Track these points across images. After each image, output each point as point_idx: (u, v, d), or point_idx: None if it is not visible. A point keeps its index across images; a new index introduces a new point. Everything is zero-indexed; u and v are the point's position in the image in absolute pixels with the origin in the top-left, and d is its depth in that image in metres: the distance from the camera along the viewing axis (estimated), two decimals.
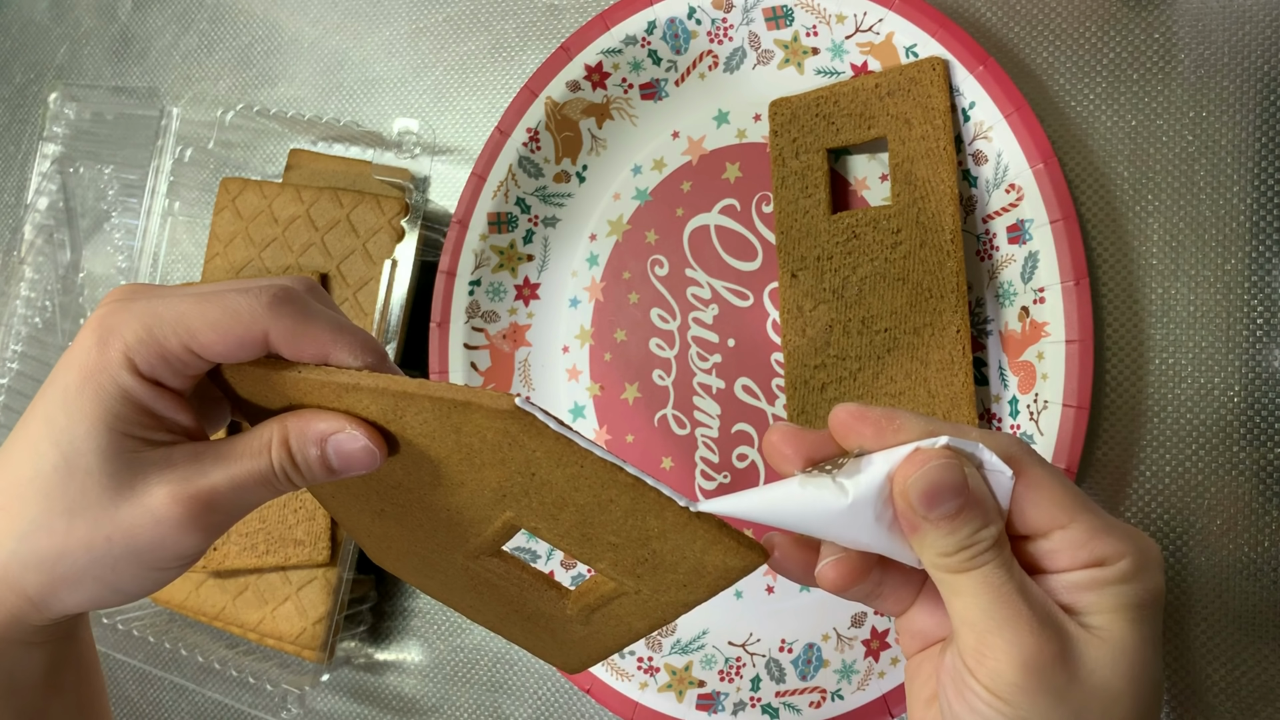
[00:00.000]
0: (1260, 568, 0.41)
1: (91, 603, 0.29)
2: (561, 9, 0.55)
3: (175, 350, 0.27)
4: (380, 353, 0.29)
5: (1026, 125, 0.43)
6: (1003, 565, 0.25)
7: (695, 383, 0.50)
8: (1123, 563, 0.26)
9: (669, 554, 0.27)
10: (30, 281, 0.63)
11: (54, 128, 0.63)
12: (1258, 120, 0.43)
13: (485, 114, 0.57)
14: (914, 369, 0.44)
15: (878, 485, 0.25)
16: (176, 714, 0.61)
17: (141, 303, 0.28)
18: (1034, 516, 0.26)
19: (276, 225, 0.55)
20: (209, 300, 0.27)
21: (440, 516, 0.30)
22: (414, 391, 0.26)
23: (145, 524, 0.27)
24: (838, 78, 0.47)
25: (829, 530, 0.26)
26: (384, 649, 0.56)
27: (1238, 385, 0.42)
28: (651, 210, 0.52)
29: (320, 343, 0.28)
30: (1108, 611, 0.26)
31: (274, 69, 0.62)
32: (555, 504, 0.27)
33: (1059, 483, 0.26)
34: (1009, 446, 0.26)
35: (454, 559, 0.32)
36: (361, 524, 0.34)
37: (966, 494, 0.25)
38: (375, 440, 0.28)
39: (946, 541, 0.25)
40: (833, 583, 0.28)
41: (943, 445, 0.25)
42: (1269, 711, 0.41)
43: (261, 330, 0.27)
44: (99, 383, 0.27)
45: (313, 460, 0.28)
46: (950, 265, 0.43)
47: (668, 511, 0.26)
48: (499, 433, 0.26)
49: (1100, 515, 0.26)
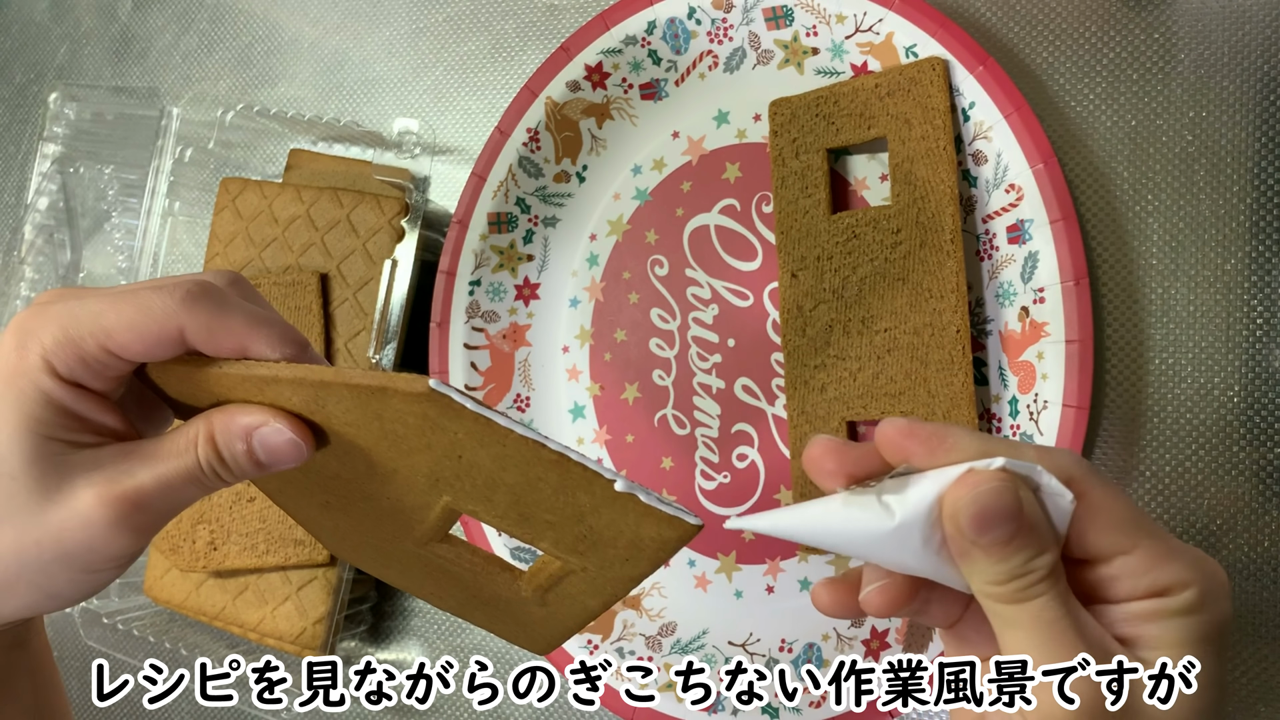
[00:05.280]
0: (1260, 568, 0.41)
1: (28, 609, 0.29)
2: (561, 9, 0.55)
3: (93, 351, 0.27)
4: (300, 343, 0.29)
5: (1026, 125, 0.43)
6: (1057, 598, 0.24)
7: (695, 383, 0.50)
8: (1188, 593, 0.24)
9: (605, 529, 0.27)
10: (30, 281, 0.63)
11: (54, 128, 0.63)
12: (1258, 120, 0.43)
13: (485, 114, 0.57)
14: (914, 369, 0.44)
15: (927, 507, 0.24)
16: (176, 714, 0.61)
17: (59, 305, 0.27)
18: (1094, 541, 0.24)
19: (276, 225, 0.55)
20: (124, 299, 0.27)
21: (383, 505, 0.30)
22: (331, 380, 0.26)
23: (73, 527, 0.27)
24: (838, 78, 0.47)
25: (873, 553, 0.25)
26: (384, 649, 0.56)
27: (1238, 385, 0.42)
28: (651, 210, 0.52)
29: (236, 336, 0.27)
30: (1170, 646, 0.24)
31: (274, 69, 0.63)
32: (487, 485, 0.27)
33: (1121, 504, 0.25)
34: (1069, 467, 0.25)
35: (405, 547, 0.32)
36: (311, 517, 0.34)
37: (1020, 519, 0.23)
38: (300, 432, 0.27)
39: (998, 570, 0.24)
40: (879, 609, 0.27)
41: (999, 467, 0.24)
42: (1269, 711, 0.41)
43: (176, 327, 0.27)
44: (19, 387, 0.27)
45: (239, 455, 0.28)
46: (950, 265, 0.43)
47: (595, 486, 0.25)
48: (419, 416, 0.26)
49: (1164, 540, 0.25)
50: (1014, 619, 0.24)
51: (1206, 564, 0.25)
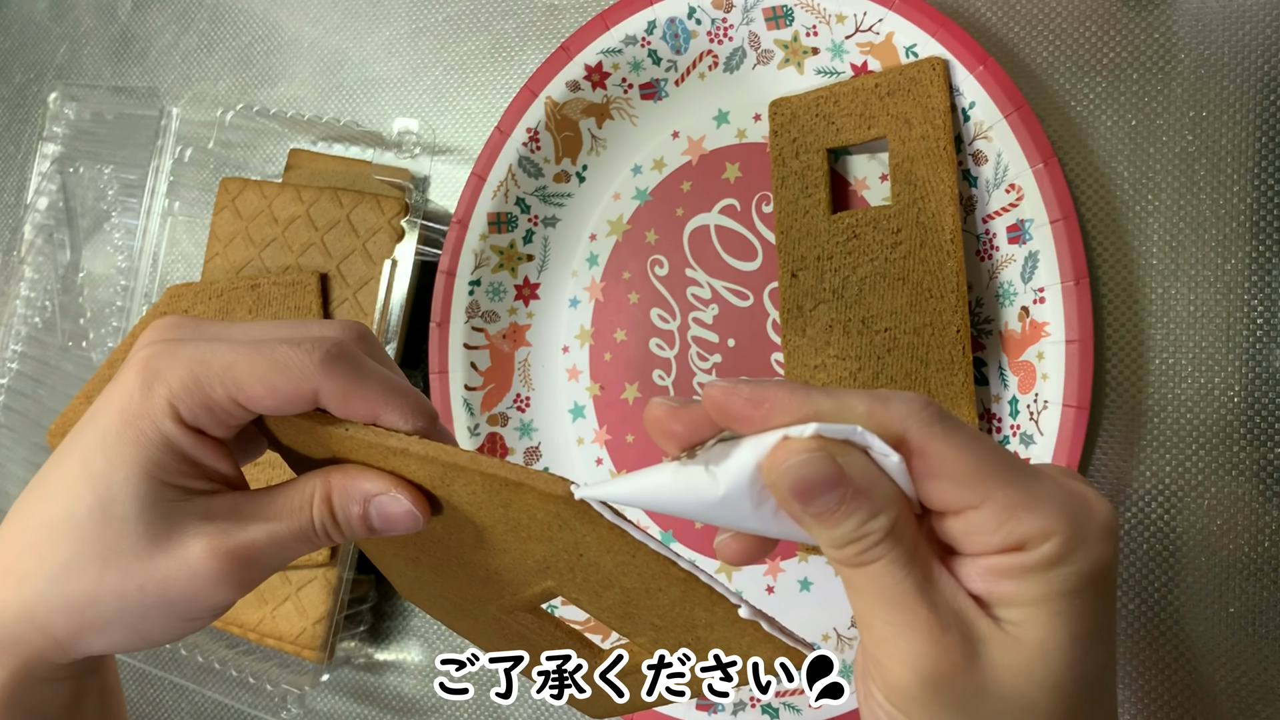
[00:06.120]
0: (1260, 568, 0.41)
1: (118, 647, 0.29)
2: (561, 9, 0.55)
3: (221, 401, 0.26)
4: (431, 415, 0.28)
5: (1026, 125, 0.43)
6: (898, 560, 0.22)
7: (695, 383, 0.50)
8: (1048, 544, 0.22)
9: (714, 643, 0.26)
10: (30, 281, 0.63)
11: (54, 128, 0.63)
12: (1258, 120, 0.43)
13: (485, 114, 0.57)
14: (914, 369, 0.44)
15: (748, 476, 0.23)
16: (176, 714, 0.61)
17: (190, 347, 0.27)
18: (937, 498, 0.23)
19: (276, 225, 0.55)
20: (259, 352, 0.26)
21: (478, 573, 0.30)
22: (465, 465, 0.25)
23: (180, 577, 0.27)
24: (838, 77, 0.47)
25: (712, 519, 0.24)
26: (384, 649, 0.56)
27: (1238, 385, 0.42)
28: (651, 210, 0.52)
29: (371, 404, 0.27)
30: (1027, 604, 0.22)
31: (274, 69, 0.62)
32: (600, 583, 0.27)
33: (965, 455, 0.22)
34: (903, 419, 0.22)
35: (487, 609, 0.32)
36: (394, 566, 0.34)
37: (844, 484, 0.22)
38: (420, 505, 0.27)
39: (831, 535, 0.23)
40: (734, 558, 0.26)
41: (811, 434, 0.22)
42: (1269, 711, 0.41)
43: (312, 388, 0.26)
44: (140, 428, 0.26)
45: (354, 519, 0.28)
46: (950, 265, 0.43)
47: (718, 608, 0.25)
48: (550, 515, 0.25)
49: (1024, 487, 0.22)
50: (856, 583, 0.23)
51: (1079, 507, 0.23)
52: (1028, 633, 0.22)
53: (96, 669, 0.31)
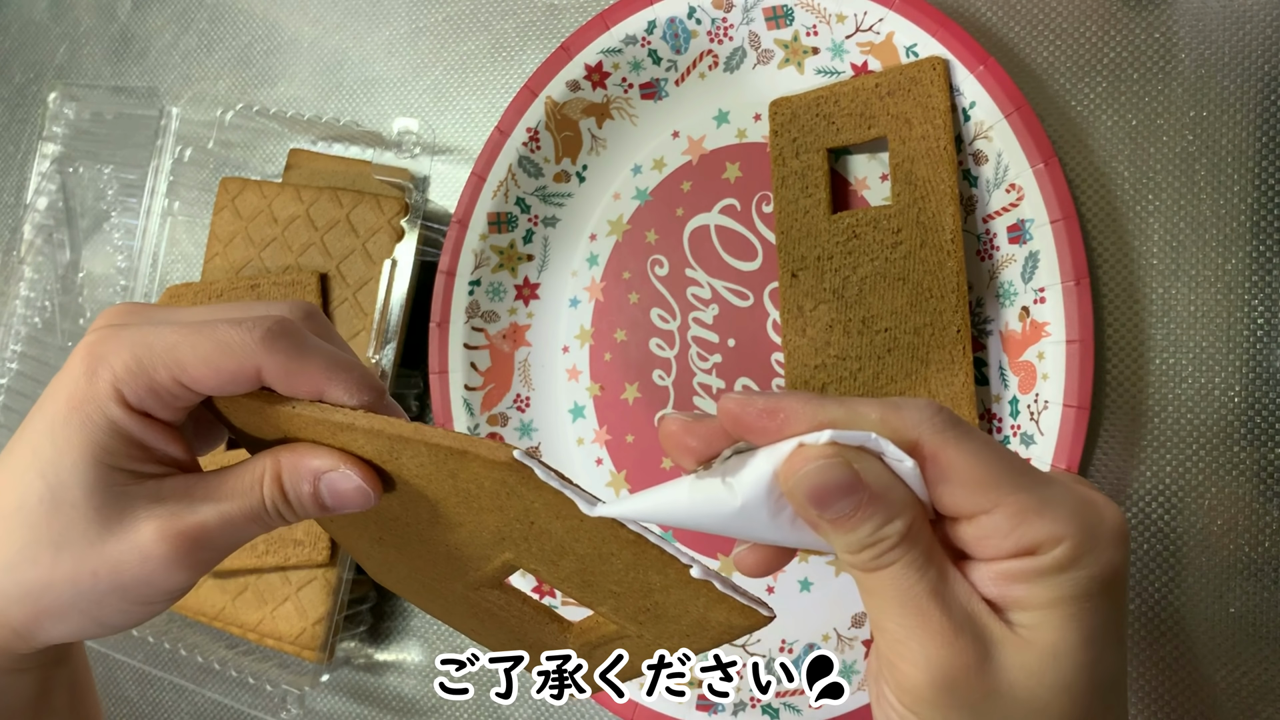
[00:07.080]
0: (1260, 568, 0.41)
1: (76, 634, 0.28)
2: (561, 9, 0.55)
3: (165, 383, 0.26)
4: (378, 389, 0.28)
5: (1027, 125, 0.43)
6: (913, 564, 0.23)
7: (695, 383, 0.50)
8: (1059, 549, 0.23)
9: (671, 606, 0.26)
10: (30, 281, 0.63)
11: (53, 127, 0.63)
12: (1258, 120, 0.43)
13: (485, 114, 0.57)
14: (914, 369, 0.44)
15: (765, 487, 0.23)
16: (176, 714, 0.61)
17: (132, 330, 0.27)
18: (950, 503, 0.23)
19: (276, 225, 0.55)
20: (201, 332, 0.26)
21: (439, 550, 0.30)
22: (410, 436, 0.26)
23: (132, 560, 0.27)
24: (838, 77, 0.47)
25: (731, 530, 0.25)
26: (384, 649, 0.56)
27: (1238, 385, 0.42)
28: (651, 210, 0.52)
29: (315, 380, 0.27)
30: (1039, 608, 0.23)
31: (274, 69, 0.62)
32: (555, 551, 0.27)
33: (978, 461, 0.23)
34: (916, 426, 0.23)
35: (454, 588, 0.32)
36: (360, 548, 0.34)
37: (860, 490, 0.22)
38: (370, 480, 0.27)
39: (847, 540, 0.23)
40: (752, 569, 0.26)
41: (826, 441, 0.23)
42: (1270, 711, 0.41)
43: (254, 366, 0.26)
44: (86, 413, 0.26)
45: (305, 497, 0.28)
46: (950, 265, 0.43)
47: (670, 569, 0.25)
48: (496, 482, 0.25)
49: (1036, 491, 0.23)
50: (871, 587, 0.24)
51: (1089, 513, 0.23)
52: (1040, 636, 0.23)
53: (63, 660, 0.31)
